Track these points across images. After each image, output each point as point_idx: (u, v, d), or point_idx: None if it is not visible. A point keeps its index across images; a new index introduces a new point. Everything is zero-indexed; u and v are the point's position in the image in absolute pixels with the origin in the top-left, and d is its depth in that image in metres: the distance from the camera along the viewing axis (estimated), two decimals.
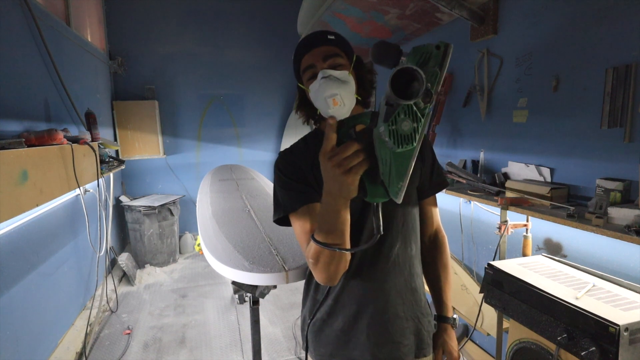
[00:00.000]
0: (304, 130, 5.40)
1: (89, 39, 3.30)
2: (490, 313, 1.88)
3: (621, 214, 1.27)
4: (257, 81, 4.68)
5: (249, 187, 2.20)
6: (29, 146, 1.64)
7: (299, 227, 0.88)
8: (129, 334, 2.65)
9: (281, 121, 4.85)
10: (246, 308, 2.91)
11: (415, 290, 0.98)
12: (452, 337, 1.03)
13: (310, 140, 1.00)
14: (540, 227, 1.74)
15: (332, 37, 0.91)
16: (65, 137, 1.93)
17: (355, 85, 0.93)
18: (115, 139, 3.98)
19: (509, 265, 1.47)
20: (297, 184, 0.90)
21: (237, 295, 1.43)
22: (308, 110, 0.99)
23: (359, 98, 0.95)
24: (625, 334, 1.01)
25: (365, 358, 0.94)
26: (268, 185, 2.30)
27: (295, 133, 4.62)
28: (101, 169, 2.35)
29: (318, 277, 0.83)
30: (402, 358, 0.95)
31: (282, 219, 0.93)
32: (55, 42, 2.35)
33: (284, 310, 2.96)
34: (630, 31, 1.33)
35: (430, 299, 1.07)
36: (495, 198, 1.72)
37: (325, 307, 0.97)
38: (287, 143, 4.71)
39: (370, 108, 1.01)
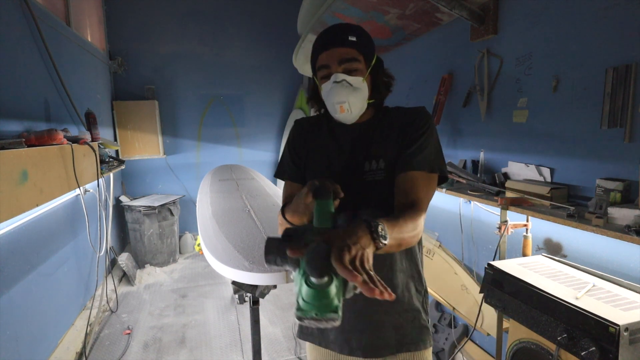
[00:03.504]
0: None
1: (89, 39, 3.30)
2: (490, 313, 1.88)
3: (621, 214, 1.27)
4: (257, 81, 4.68)
5: (249, 187, 2.19)
6: (29, 146, 1.64)
7: (283, 189, 1.07)
8: (129, 334, 2.65)
9: (281, 121, 4.85)
10: (246, 308, 2.92)
11: (396, 286, 0.97)
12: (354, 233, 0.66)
13: (322, 119, 1.05)
14: (540, 227, 1.73)
15: (353, 39, 0.89)
16: (65, 137, 1.93)
17: (368, 90, 0.93)
18: (115, 139, 3.98)
19: (509, 265, 1.47)
20: (290, 159, 1.05)
21: (237, 295, 1.43)
22: (320, 104, 1.01)
23: (372, 101, 0.96)
24: (625, 334, 1.01)
25: (338, 343, 0.99)
26: (268, 186, 2.30)
27: None
28: (101, 169, 2.35)
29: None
30: (375, 349, 0.97)
31: None
32: (55, 42, 2.35)
33: (284, 310, 2.96)
34: (630, 31, 1.33)
35: (424, 302, 1.03)
36: (495, 198, 1.72)
37: None
38: None
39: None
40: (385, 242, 0.67)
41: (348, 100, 0.88)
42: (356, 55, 0.89)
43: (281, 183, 1.04)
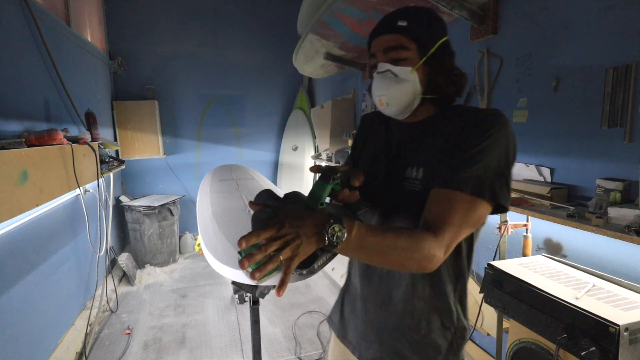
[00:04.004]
0: (304, 130, 5.31)
1: (89, 39, 3.30)
2: (490, 313, 1.88)
3: (621, 214, 1.27)
4: (257, 81, 4.68)
5: (249, 187, 2.19)
6: (29, 146, 1.64)
7: None
8: (129, 334, 2.65)
9: (281, 121, 4.85)
10: (246, 308, 2.91)
11: (411, 313, 0.84)
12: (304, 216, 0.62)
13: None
14: (540, 227, 1.73)
15: (403, 24, 0.77)
16: (65, 137, 1.93)
17: (422, 83, 0.79)
18: (115, 139, 3.98)
19: (509, 265, 1.47)
20: (351, 154, 1.06)
21: (237, 295, 1.43)
22: None
23: (429, 97, 0.81)
24: (625, 334, 1.01)
25: (352, 344, 1.00)
26: (268, 185, 2.30)
27: (295, 133, 4.62)
28: (101, 169, 2.35)
29: None
30: None
31: None
32: (55, 42, 2.35)
33: (284, 310, 2.96)
34: (630, 31, 1.33)
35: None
36: None
37: (344, 286, 1.08)
38: (287, 143, 4.70)
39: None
40: (335, 243, 0.60)
41: (387, 93, 0.79)
42: (405, 43, 0.77)
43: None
